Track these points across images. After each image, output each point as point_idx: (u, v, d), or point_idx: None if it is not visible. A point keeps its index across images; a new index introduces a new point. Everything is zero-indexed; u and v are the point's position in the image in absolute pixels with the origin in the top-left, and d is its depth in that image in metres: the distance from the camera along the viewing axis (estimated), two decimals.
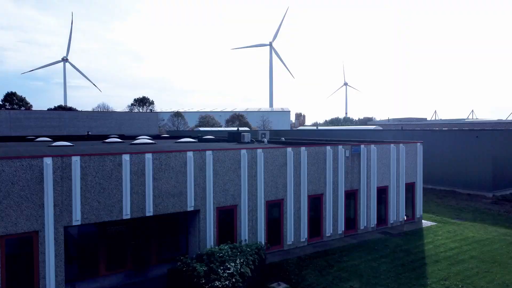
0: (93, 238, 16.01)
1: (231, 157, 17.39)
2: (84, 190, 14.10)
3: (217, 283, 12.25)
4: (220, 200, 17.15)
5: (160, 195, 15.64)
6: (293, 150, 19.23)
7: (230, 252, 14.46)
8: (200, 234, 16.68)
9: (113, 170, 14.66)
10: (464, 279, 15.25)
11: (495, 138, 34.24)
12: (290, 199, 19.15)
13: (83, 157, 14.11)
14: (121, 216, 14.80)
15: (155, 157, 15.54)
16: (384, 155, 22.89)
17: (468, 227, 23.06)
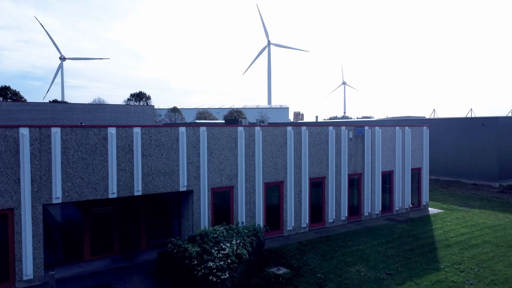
0: (77, 220, 14.76)
1: (227, 135, 16.16)
2: (65, 165, 12.86)
3: (211, 263, 11.03)
4: (215, 181, 15.92)
5: (150, 173, 14.40)
6: (294, 129, 18.02)
7: (225, 233, 13.25)
8: (194, 217, 15.45)
9: (98, 144, 13.42)
10: (479, 263, 14.07)
11: (502, 126, 33.09)
12: (290, 181, 17.94)
13: (64, 128, 12.87)
14: (106, 194, 13.57)
15: (144, 132, 14.31)
16: (389, 138, 21.70)
17: (477, 214, 21.91)
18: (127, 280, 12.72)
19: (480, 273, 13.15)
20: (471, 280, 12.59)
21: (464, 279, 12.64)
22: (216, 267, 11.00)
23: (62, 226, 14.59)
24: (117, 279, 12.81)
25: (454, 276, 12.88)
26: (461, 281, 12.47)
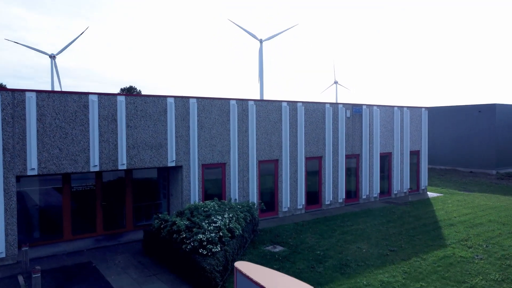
0: (56, 197, 13.65)
1: (219, 108, 15.17)
2: (41, 133, 11.77)
3: (201, 236, 10.03)
4: (206, 157, 14.93)
5: (136, 146, 13.36)
6: (289, 105, 17.09)
7: (217, 207, 12.27)
8: (183, 194, 14.44)
9: (78, 112, 12.35)
10: (487, 240, 13.28)
11: (499, 113, 32.56)
12: (285, 160, 17.00)
13: (40, 93, 11.78)
14: (88, 167, 12.50)
15: (129, 101, 13.27)
16: (387, 119, 20.90)
17: (478, 197, 21.21)
18: (110, 259, 11.68)
19: (489, 249, 12.35)
20: (480, 255, 11.78)
21: (473, 255, 11.82)
22: (207, 240, 10.01)
23: (40, 203, 13.48)
24: (99, 258, 11.76)
25: (462, 252, 12.06)
26: (470, 256, 11.65)
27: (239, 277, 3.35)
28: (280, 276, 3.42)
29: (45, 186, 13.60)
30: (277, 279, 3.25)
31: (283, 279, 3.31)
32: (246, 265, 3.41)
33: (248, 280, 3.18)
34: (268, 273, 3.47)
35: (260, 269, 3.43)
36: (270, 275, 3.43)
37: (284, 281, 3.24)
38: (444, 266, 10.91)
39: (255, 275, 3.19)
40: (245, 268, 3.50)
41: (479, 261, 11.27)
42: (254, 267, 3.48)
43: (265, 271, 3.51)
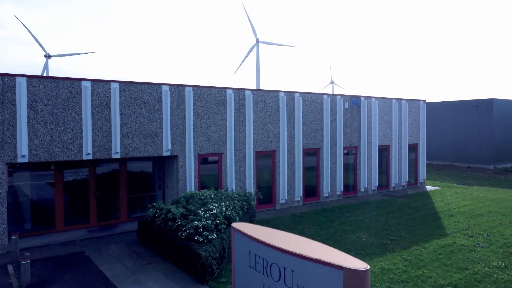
0: (48, 187, 13.31)
1: (215, 97, 14.89)
2: (32, 120, 11.44)
3: (197, 223, 9.75)
4: (203, 146, 14.64)
5: (130, 134, 13.06)
6: (287, 95, 16.84)
7: (213, 195, 11.98)
8: (179, 185, 14.15)
9: (70, 98, 12.03)
10: (488, 229, 13.08)
11: (496, 108, 32.49)
12: (283, 151, 16.75)
13: (31, 79, 11.45)
14: (80, 155, 12.18)
15: (123, 88, 12.96)
16: (385, 111, 20.69)
17: (476, 190, 21.05)
18: (103, 249, 11.37)
19: (490, 238, 12.15)
20: (482, 244, 11.57)
21: (474, 243, 11.62)
22: (203, 227, 9.73)
23: (31, 192, 13.14)
24: (92, 248, 11.45)
25: (463, 241, 11.85)
26: (472, 245, 11.44)
27: (237, 237, 3.09)
28: (280, 233, 3.19)
29: (36, 174, 13.27)
30: (278, 236, 3.01)
31: (283, 235, 3.09)
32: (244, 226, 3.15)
33: (248, 238, 2.91)
34: (268, 231, 3.23)
35: (260, 228, 3.18)
36: (270, 233, 3.20)
37: (285, 236, 3.02)
38: (445, 254, 10.69)
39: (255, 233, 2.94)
40: (243, 227, 3.24)
41: (480, 249, 11.07)
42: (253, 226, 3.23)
43: (264, 229, 3.26)
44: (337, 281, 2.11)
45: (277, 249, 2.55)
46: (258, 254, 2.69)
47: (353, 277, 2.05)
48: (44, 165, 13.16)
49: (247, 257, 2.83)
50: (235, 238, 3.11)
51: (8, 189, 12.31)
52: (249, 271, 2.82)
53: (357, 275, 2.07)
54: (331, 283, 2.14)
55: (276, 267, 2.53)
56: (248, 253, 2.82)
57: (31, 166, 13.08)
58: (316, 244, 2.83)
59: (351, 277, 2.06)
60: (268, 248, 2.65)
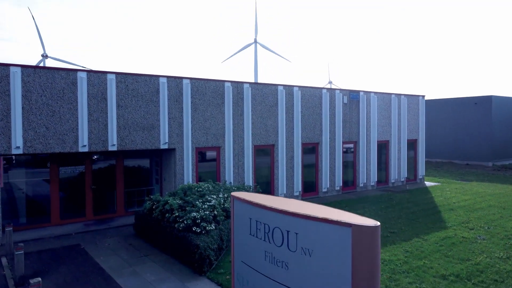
0: (43, 180, 13.13)
1: (213, 89, 14.72)
2: (27, 110, 11.25)
3: (194, 214, 9.58)
4: (200, 140, 14.47)
5: (127, 127, 12.88)
6: (285, 89, 16.69)
7: (211, 187, 11.82)
8: (176, 178, 13.97)
9: (66, 89, 11.84)
10: (488, 222, 12.97)
11: (495, 105, 32.43)
12: (281, 145, 16.59)
13: (26, 69, 11.26)
14: (76, 147, 11.99)
15: (120, 80, 12.78)
16: (385, 106, 20.57)
17: (476, 185, 20.96)
18: (99, 242, 11.18)
19: (491, 230, 12.03)
20: (483, 236, 11.45)
21: (475, 235, 11.49)
22: (201, 218, 9.56)
23: (26, 185, 12.94)
24: (88, 241, 11.27)
25: (464, 233, 11.72)
26: (472, 237, 11.31)
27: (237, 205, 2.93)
28: (281, 199, 3.04)
29: (31, 167, 13.10)
30: (279, 201, 2.86)
31: (285, 200, 2.95)
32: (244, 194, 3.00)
33: (248, 204, 2.76)
34: (269, 198, 3.08)
35: (260, 196, 3.03)
36: (271, 199, 3.05)
37: (287, 201, 2.88)
38: (447, 245, 10.56)
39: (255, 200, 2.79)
40: (243, 195, 3.08)
41: (482, 241, 10.94)
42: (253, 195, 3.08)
43: (265, 196, 3.11)
44: (345, 240, 1.96)
45: (280, 212, 2.40)
46: (259, 220, 2.54)
47: (363, 235, 1.91)
48: (41, 161, 12.99)
49: (248, 225, 2.68)
50: (234, 206, 2.96)
51: (3, 182, 12.11)
52: (250, 239, 2.67)
53: (367, 232, 1.92)
54: (338, 242, 1.99)
55: (279, 232, 2.38)
56: (249, 221, 2.67)
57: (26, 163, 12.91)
58: (319, 207, 2.68)
59: (360, 234, 1.91)
60: (270, 212, 2.50)
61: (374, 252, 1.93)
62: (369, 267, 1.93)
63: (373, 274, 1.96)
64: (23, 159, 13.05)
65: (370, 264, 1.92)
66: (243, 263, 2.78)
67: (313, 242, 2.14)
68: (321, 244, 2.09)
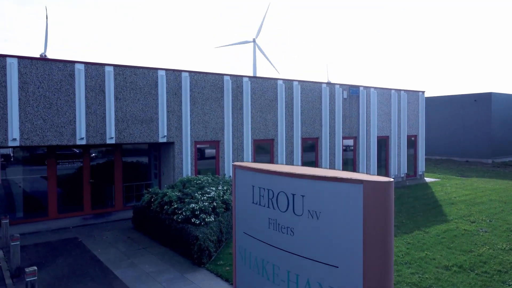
0: (40, 173, 12.98)
1: (212, 83, 14.59)
2: (24, 102, 11.11)
3: (193, 205, 9.45)
4: (199, 134, 14.34)
5: (125, 120, 12.74)
6: (285, 83, 16.57)
7: (210, 180, 11.70)
8: (175, 172, 13.84)
9: (63, 81, 11.70)
10: (490, 216, 12.87)
11: (495, 102, 32.38)
12: (281, 140, 16.47)
13: (22, 60, 11.11)
14: (74, 140, 11.85)
15: (118, 72, 12.64)
16: (384, 102, 20.47)
17: (476, 181, 20.87)
18: (97, 235, 11.05)
19: (493, 223, 11.94)
20: (485, 228, 11.35)
21: (477, 228, 11.39)
22: (200, 209, 9.43)
23: (23, 182, 12.80)
24: (86, 235, 11.13)
25: (466, 226, 11.62)
26: (474, 230, 11.21)
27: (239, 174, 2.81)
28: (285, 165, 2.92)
29: (28, 160, 12.95)
30: (283, 166, 2.74)
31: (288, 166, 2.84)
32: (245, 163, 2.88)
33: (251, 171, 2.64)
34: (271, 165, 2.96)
35: (262, 164, 2.91)
36: (274, 165, 2.93)
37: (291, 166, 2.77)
38: (448, 238, 10.46)
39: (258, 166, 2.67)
40: (245, 164, 2.97)
41: (484, 234, 10.84)
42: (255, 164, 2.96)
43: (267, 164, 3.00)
44: (356, 198, 1.83)
45: (286, 175, 2.28)
46: (262, 187, 2.42)
47: (375, 191, 1.78)
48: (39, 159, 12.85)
49: (250, 193, 2.56)
50: (236, 175, 2.84)
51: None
52: (252, 208, 2.55)
53: (379, 188, 1.80)
54: (348, 201, 1.86)
55: (284, 196, 2.25)
56: (251, 188, 2.55)
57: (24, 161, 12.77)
58: (327, 170, 2.56)
59: (372, 191, 1.79)
60: (274, 176, 2.38)
61: (387, 211, 1.80)
62: (382, 226, 1.81)
63: (386, 234, 1.84)
64: (21, 156, 12.93)
65: (383, 223, 1.80)
66: (245, 234, 2.66)
67: (321, 204, 2.02)
68: (330, 205, 1.97)
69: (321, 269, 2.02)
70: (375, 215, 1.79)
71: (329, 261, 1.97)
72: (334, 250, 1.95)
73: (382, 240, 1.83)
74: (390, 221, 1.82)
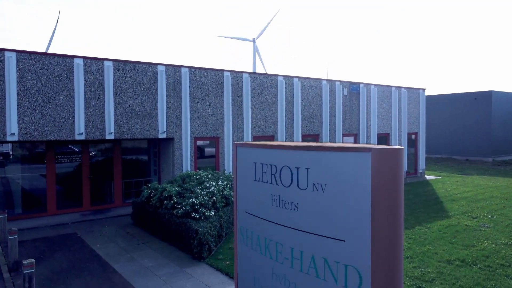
0: (40, 170, 12.89)
1: (212, 79, 14.51)
2: (22, 96, 11.02)
3: (193, 199, 9.37)
4: (199, 130, 14.25)
5: (124, 115, 12.65)
6: (285, 79, 16.49)
7: (210, 175, 11.61)
8: (175, 168, 13.75)
9: (62, 76, 11.61)
10: (491, 212, 12.79)
11: (495, 101, 32.31)
12: (281, 136, 16.39)
13: (21, 54, 11.03)
14: (73, 135, 11.76)
15: (117, 67, 12.55)
16: (385, 99, 20.39)
17: (477, 178, 20.78)
18: (96, 231, 10.96)
19: (495, 219, 11.86)
20: (487, 224, 11.27)
21: (479, 223, 11.31)
22: (200, 203, 9.35)
23: (22, 179, 12.70)
24: (85, 230, 11.04)
25: (467, 221, 11.54)
26: (476, 225, 11.13)
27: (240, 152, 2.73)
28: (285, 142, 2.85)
29: (26, 155, 12.86)
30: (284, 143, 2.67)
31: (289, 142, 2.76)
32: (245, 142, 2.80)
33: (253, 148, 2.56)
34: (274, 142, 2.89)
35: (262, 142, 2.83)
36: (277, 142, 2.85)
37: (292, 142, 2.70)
38: (450, 233, 10.38)
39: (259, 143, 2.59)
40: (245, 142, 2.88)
41: (486, 229, 10.76)
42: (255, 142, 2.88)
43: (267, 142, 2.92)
44: (363, 168, 1.75)
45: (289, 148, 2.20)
46: (265, 162, 2.34)
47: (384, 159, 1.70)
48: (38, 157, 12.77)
49: (252, 170, 2.48)
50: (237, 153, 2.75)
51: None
52: (254, 186, 2.47)
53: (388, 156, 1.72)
54: (356, 171, 1.78)
55: (287, 170, 2.17)
56: (253, 165, 2.46)
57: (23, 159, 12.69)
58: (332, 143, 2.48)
59: (381, 159, 1.71)
60: (278, 151, 2.30)
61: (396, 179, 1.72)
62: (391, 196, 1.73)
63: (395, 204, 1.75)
64: (21, 154, 12.86)
65: (392, 192, 1.72)
66: (247, 213, 2.58)
67: (327, 176, 1.93)
68: (336, 177, 1.88)
69: (326, 244, 1.94)
70: (383, 185, 1.71)
71: (335, 235, 1.89)
72: (340, 223, 1.87)
73: (391, 210, 1.74)
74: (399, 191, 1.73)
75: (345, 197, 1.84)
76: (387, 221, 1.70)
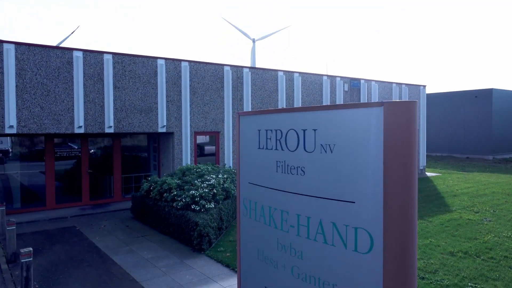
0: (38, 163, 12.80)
1: (212, 73, 14.42)
2: (21, 89, 10.92)
3: (193, 192, 9.27)
4: (199, 124, 14.16)
5: (124, 109, 12.56)
6: (285, 74, 16.40)
7: (210, 169, 11.52)
8: (174, 163, 13.66)
9: (61, 69, 11.51)
10: (493, 206, 12.71)
11: (496, 98, 32.24)
12: None
13: (20, 46, 10.93)
14: (72, 128, 11.66)
15: (117, 60, 12.46)
16: (385, 95, 20.31)
17: (477, 175, 20.71)
18: (95, 224, 10.87)
19: (496, 213, 11.78)
20: (489, 218, 11.19)
21: (481, 218, 11.23)
22: (200, 195, 9.26)
23: (21, 176, 12.61)
24: (84, 224, 10.95)
25: (469, 215, 11.46)
26: (478, 219, 11.05)
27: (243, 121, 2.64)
28: None
29: (24, 149, 12.78)
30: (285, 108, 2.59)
31: None
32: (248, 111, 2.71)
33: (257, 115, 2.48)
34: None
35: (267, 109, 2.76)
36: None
37: None
38: (452, 226, 10.29)
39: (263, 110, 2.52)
40: (249, 111, 2.80)
41: (488, 223, 10.68)
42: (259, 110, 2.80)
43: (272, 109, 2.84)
44: (375, 123, 1.66)
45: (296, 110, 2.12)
46: (269, 128, 2.25)
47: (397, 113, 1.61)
48: (37, 155, 12.68)
49: (256, 138, 2.39)
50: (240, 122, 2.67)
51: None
52: (258, 154, 2.38)
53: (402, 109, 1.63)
54: (367, 128, 1.69)
55: (293, 133, 2.09)
56: (257, 133, 2.38)
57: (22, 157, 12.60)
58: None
59: (394, 113, 1.62)
60: (283, 114, 2.21)
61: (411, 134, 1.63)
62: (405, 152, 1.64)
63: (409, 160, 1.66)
64: (19, 151, 12.77)
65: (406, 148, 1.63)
66: (250, 184, 2.49)
67: (335, 136, 1.85)
68: (345, 135, 1.80)
69: (335, 207, 1.86)
70: (397, 140, 1.63)
71: (344, 197, 1.81)
72: (350, 184, 1.79)
73: (405, 167, 1.66)
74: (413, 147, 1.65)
75: (355, 156, 1.76)
76: (400, 178, 1.61)
